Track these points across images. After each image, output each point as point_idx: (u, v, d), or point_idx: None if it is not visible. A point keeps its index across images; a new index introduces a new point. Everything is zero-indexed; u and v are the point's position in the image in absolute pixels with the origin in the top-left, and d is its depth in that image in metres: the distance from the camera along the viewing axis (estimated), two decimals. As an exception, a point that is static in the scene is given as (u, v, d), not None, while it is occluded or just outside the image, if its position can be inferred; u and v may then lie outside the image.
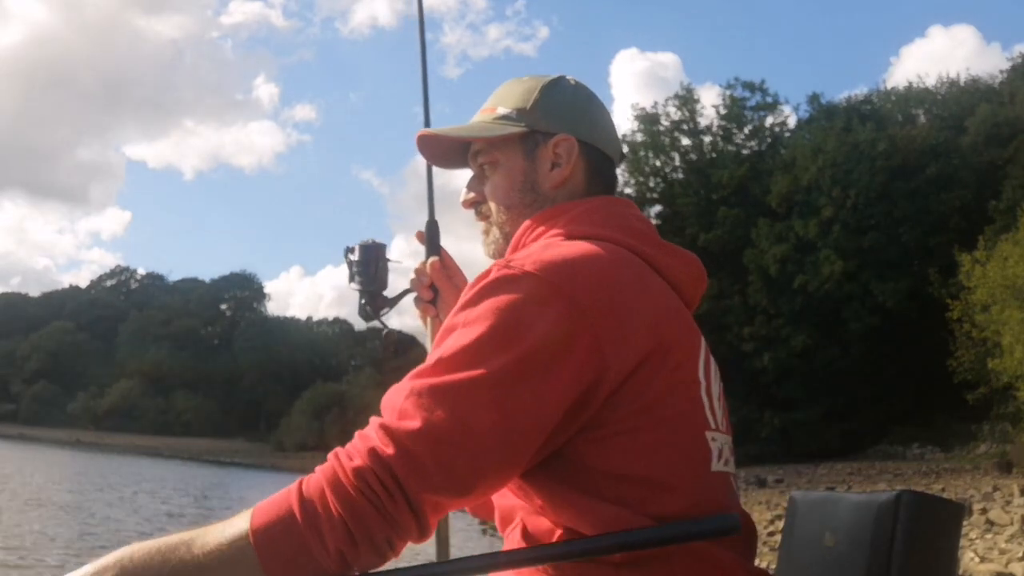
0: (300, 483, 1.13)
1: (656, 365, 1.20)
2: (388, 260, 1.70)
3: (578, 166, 1.41)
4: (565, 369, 1.13)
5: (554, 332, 1.14)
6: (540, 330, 1.13)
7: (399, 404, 1.13)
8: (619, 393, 1.17)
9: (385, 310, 1.69)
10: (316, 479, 1.12)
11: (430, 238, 1.71)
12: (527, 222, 1.38)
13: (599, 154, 1.44)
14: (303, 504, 1.10)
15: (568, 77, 1.47)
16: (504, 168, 1.43)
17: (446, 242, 1.70)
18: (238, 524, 1.11)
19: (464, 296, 1.20)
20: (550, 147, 1.40)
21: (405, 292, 1.70)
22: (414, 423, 1.10)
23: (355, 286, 1.68)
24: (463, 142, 1.47)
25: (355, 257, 1.69)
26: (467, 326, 1.16)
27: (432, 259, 1.69)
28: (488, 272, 1.20)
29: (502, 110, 1.43)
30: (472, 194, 1.47)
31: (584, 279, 1.18)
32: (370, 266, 1.68)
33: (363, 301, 1.68)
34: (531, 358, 1.12)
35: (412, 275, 1.70)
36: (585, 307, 1.16)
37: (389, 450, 1.09)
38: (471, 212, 1.49)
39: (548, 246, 1.26)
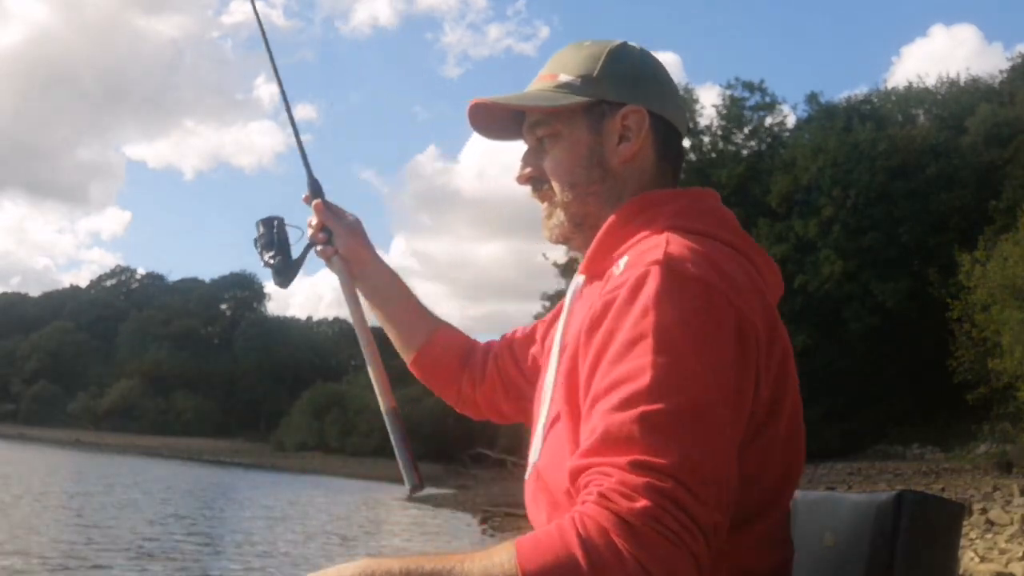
0: (574, 525, 1.03)
1: (786, 371, 1.23)
2: (287, 227, 1.72)
3: (647, 140, 1.31)
4: (750, 376, 1.15)
5: (736, 341, 1.13)
6: (727, 338, 1.12)
7: (640, 437, 1.04)
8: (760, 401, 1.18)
9: (296, 271, 1.71)
10: (593, 522, 1.02)
11: (311, 186, 1.74)
12: (619, 213, 1.28)
13: (668, 127, 1.34)
14: (586, 547, 1.00)
15: (632, 44, 1.36)
16: (567, 141, 1.32)
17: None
18: (501, 562, 1.03)
19: (632, 299, 1.13)
20: (618, 119, 1.30)
21: (307, 248, 1.72)
22: (673, 455, 1.03)
23: (266, 259, 1.70)
24: (517, 111, 1.35)
25: (257, 234, 1.71)
26: (661, 338, 1.08)
27: (315, 201, 1.69)
28: (646, 273, 1.13)
29: (564, 77, 1.32)
30: (529, 168, 1.36)
31: (738, 286, 1.17)
32: (271, 237, 1.70)
33: (274, 270, 1.70)
34: (730, 370, 1.11)
35: (308, 231, 1.70)
36: (746, 315, 1.15)
37: (667, 485, 1.02)
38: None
39: (681, 244, 1.18)
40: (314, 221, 1.69)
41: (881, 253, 37.64)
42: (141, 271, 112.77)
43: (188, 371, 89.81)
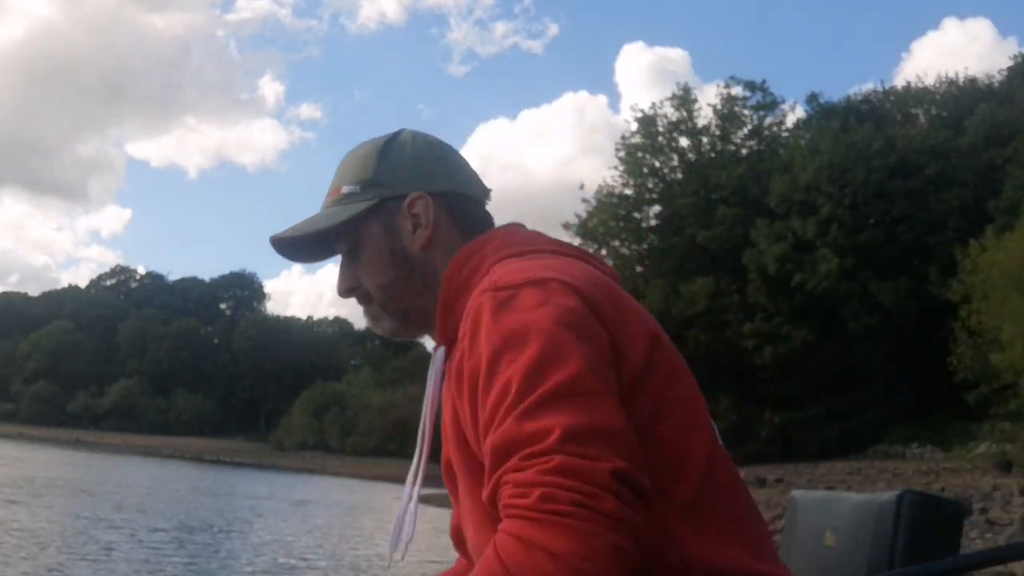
0: (492, 547, 1.01)
1: (657, 362, 1.19)
2: None
3: (441, 219, 1.33)
4: (603, 355, 1.12)
5: (579, 328, 1.12)
6: (571, 325, 1.11)
7: (521, 437, 1.04)
8: (634, 389, 1.15)
9: None
10: (503, 535, 1.01)
11: None
12: (447, 275, 1.29)
13: (461, 198, 1.36)
14: (502, 561, 0.99)
15: (406, 130, 1.40)
16: (367, 247, 1.34)
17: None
18: None
19: (476, 332, 1.14)
20: (405, 210, 1.33)
21: None
22: (553, 434, 1.02)
23: None
24: (327, 233, 1.36)
25: None
26: (509, 349, 1.09)
27: None
28: (479, 304, 1.15)
29: (346, 188, 1.35)
30: (346, 281, 1.38)
31: (572, 275, 1.17)
32: None
33: None
34: (582, 352, 1.09)
35: None
36: (588, 303, 1.15)
37: (552, 462, 1.01)
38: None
39: (504, 268, 1.21)
40: None
41: (880, 252, 37.69)
42: (141, 270, 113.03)
43: (188, 371, 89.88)
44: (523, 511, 1.00)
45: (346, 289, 1.38)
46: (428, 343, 1.43)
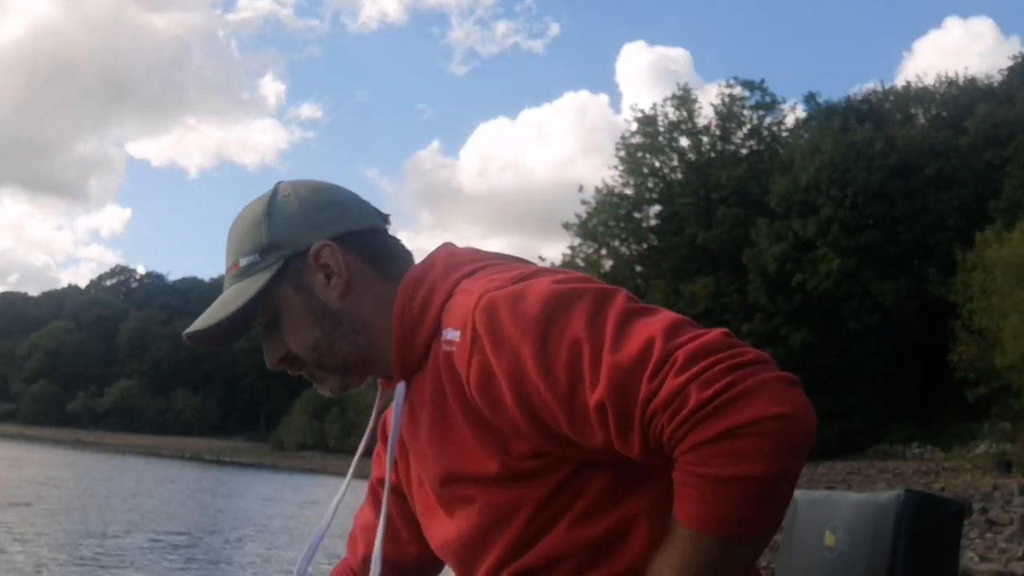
0: (717, 453, 1.00)
1: None
2: None
3: (351, 262, 1.27)
4: None
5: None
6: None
7: (630, 358, 1.03)
8: None
9: None
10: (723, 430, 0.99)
11: None
12: (396, 312, 1.24)
13: (362, 235, 1.30)
14: (758, 453, 0.99)
15: (283, 183, 1.33)
16: (285, 314, 1.27)
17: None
18: (691, 546, 1.04)
19: (494, 340, 1.11)
20: (312, 264, 1.26)
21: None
22: (658, 337, 1.03)
23: None
24: (241, 311, 1.27)
25: None
26: (552, 330, 1.08)
27: None
28: (491, 308, 1.12)
29: (244, 260, 1.28)
30: (275, 354, 1.30)
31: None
32: None
33: None
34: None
35: None
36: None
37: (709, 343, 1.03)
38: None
39: (483, 277, 1.19)
40: None
41: (880, 252, 37.68)
42: (141, 270, 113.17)
43: (188, 371, 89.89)
44: (710, 412, 0.99)
45: (277, 360, 1.30)
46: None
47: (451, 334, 1.17)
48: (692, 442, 1.00)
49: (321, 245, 1.26)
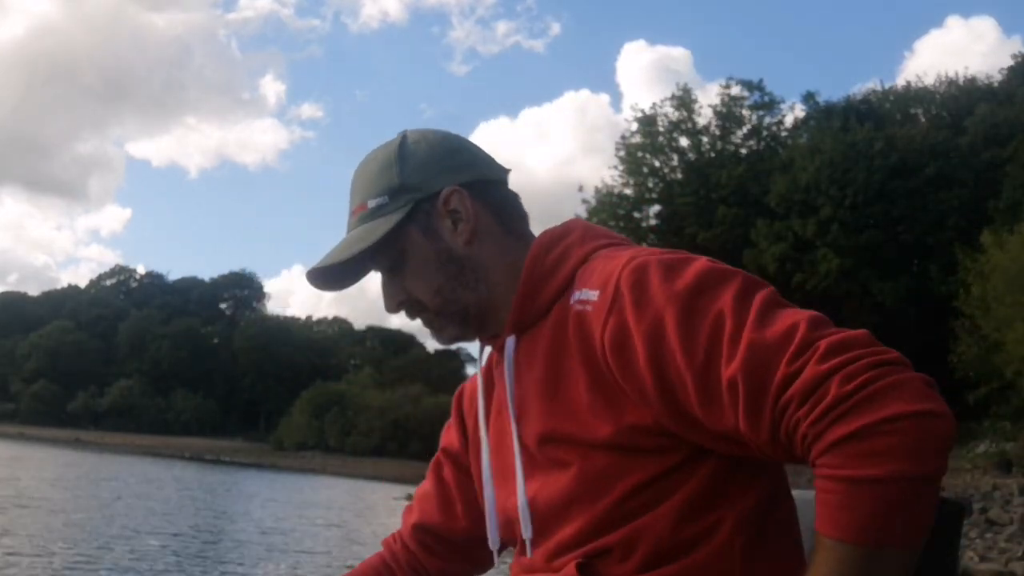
0: (857, 458, 0.99)
1: None
2: None
3: (478, 210, 1.29)
4: None
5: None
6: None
7: (773, 337, 1.03)
8: None
9: None
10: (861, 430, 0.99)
11: None
12: (530, 262, 1.26)
13: (488, 184, 1.32)
14: (904, 452, 1.00)
15: (410, 131, 1.35)
16: (411, 256, 1.28)
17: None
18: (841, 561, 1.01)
19: (637, 301, 1.12)
20: (441, 209, 1.28)
21: None
22: (803, 324, 1.04)
23: None
24: (367, 252, 1.28)
25: None
26: (702, 299, 1.09)
27: None
28: (644, 266, 1.14)
29: (373, 201, 1.29)
30: (396, 297, 1.31)
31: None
32: None
33: None
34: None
35: None
36: None
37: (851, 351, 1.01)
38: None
39: (625, 251, 1.22)
40: None
41: (880, 252, 37.69)
42: (141, 270, 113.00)
43: (188, 371, 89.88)
44: (850, 407, 0.98)
45: (396, 304, 1.31)
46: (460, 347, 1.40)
47: (587, 294, 1.18)
48: (829, 440, 1.00)
49: (451, 190, 1.28)
